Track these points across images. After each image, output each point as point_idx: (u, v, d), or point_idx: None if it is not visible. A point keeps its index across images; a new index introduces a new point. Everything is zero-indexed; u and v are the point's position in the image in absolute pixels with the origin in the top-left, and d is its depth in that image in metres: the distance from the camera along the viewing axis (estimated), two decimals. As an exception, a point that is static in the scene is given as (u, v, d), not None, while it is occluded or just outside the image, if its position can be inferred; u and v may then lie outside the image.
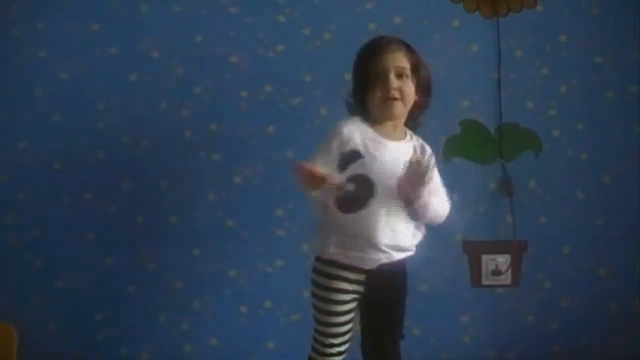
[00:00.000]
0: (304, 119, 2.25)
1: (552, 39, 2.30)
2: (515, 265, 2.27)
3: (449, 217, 1.82)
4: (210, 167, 2.27)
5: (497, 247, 2.27)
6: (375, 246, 1.68)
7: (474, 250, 2.28)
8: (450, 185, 2.24)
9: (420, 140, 1.83)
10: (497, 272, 2.28)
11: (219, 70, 2.27)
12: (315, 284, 1.77)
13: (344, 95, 1.85)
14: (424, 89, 1.79)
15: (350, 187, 1.67)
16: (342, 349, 1.76)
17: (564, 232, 2.29)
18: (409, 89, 1.73)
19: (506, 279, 2.28)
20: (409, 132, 1.81)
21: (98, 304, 2.28)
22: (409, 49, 1.77)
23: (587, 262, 2.29)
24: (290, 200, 2.23)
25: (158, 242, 2.27)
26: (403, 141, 1.77)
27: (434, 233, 2.23)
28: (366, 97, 1.75)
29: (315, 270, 1.77)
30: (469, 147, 2.28)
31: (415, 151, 1.76)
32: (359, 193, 1.67)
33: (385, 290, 1.72)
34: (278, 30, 2.28)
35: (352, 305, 1.74)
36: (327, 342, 1.75)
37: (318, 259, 1.77)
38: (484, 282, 2.28)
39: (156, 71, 2.28)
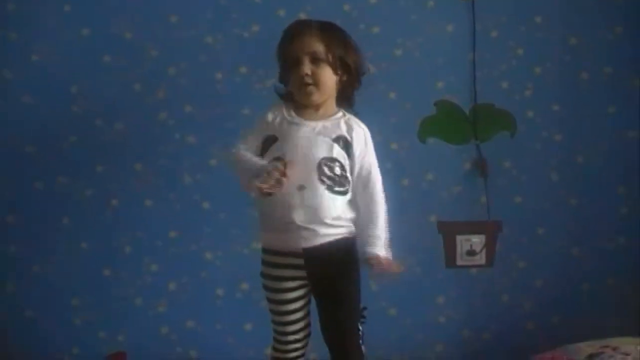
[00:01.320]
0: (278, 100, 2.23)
1: (528, 20, 2.30)
2: (489, 245, 2.29)
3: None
4: (186, 150, 2.26)
5: (471, 228, 2.29)
6: (292, 225, 1.66)
7: (448, 231, 2.29)
8: (425, 165, 2.29)
9: (352, 119, 1.77)
10: (471, 253, 2.30)
11: (193, 51, 2.25)
12: (262, 274, 1.78)
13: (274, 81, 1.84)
14: (347, 69, 1.74)
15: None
16: (298, 336, 1.75)
17: (538, 212, 2.31)
18: (325, 73, 1.70)
19: (480, 259, 2.30)
20: (341, 111, 1.78)
21: (74, 289, 2.27)
22: (325, 31, 1.72)
23: (561, 242, 2.31)
24: (266, 182, 2.23)
25: (134, 225, 2.26)
26: (323, 120, 1.73)
27: (409, 213, 2.28)
28: (288, 81, 1.76)
29: (261, 261, 1.78)
30: (443, 128, 2.28)
31: (331, 128, 1.72)
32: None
33: (326, 272, 1.69)
34: (253, 11, 2.26)
35: (301, 292, 1.73)
36: (281, 331, 1.75)
37: (262, 249, 1.79)
38: (459, 262, 2.30)
39: (130, 53, 2.25)
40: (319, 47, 1.70)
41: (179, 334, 2.27)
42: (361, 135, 1.75)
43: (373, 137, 1.79)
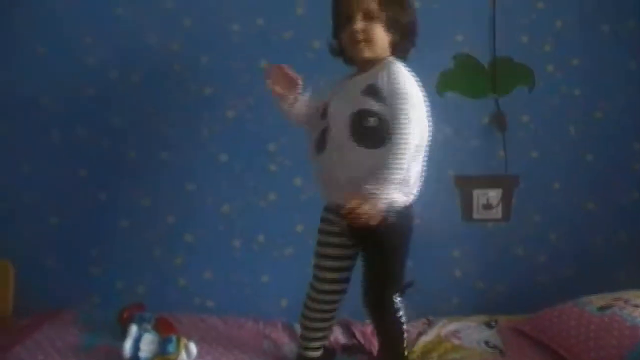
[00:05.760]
0: (296, 52, 2.21)
1: (548, -27, 2.26)
2: (506, 199, 2.30)
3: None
4: (202, 102, 2.25)
5: (488, 182, 2.29)
6: (332, 182, 1.70)
7: (465, 185, 2.30)
8: (443, 119, 2.24)
9: (392, 62, 1.71)
10: (488, 207, 2.31)
11: (209, 2, 2.22)
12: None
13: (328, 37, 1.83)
14: (398, 29, 1.72)
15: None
16: (334, 287, 1.80)
17: (555, 167, 2.31)
18: (376, 31, 1.69)
19: (497, 213, 2.31)
20: (384, 62, 1.71)
21: (93, 239, 2.28)
22: None
23: (576, 197, 2.32)
24: (283, 134, 2.22)
25: (151, 177, 2.27)
26: (359, 75, 1.73)
27: (426, 167, 2.27)
28: (341, 37, 1.76)
29: None
30: (462, 82, 2.26)
31: (367, 79, 1.69)
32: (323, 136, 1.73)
33: (361, 236, 1.71)
34: (269, -39, 2.23)
35: (341, 250, 1.78)
36: (319, 277, 1.82)
37: None
38: (475, 216, 2.31)
39: (144, 3, 2.22)
40: (372, 4, 1.69)
41: (197, 284, 2.30)
42: (388, 75, 1.66)
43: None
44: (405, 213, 1.71)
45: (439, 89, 2.26)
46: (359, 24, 1.68)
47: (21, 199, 2.26)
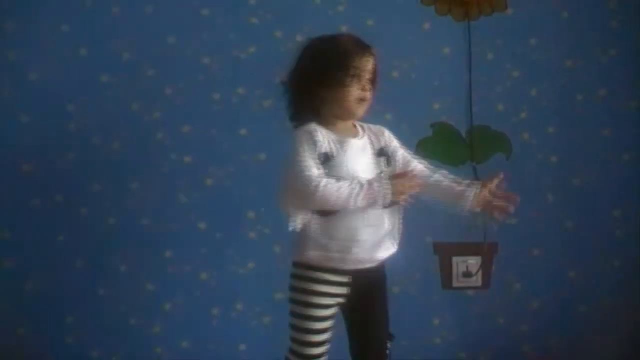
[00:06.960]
0: (275, 121, 2.24)
1: (523, 42, 2.32)
2: (486, 267, 2.29)
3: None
4: (182, 169, 2.26)
5: (468, 249, 2.29)
6: (357, 245, 1.67)
7: (444, 252, 2.29)
8: None
9: (372, 127, 1.79)
10: (467, 274, 2.30)
11: (191, 71, 2.26)
12: (295, 289, 1.73)
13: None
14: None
15: None
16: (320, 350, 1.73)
17: (534, 234, 2.32)
18: (372, 93, 1.74)
19: (477, 280, 2.29)
20: (358, 125, 1.78)
21: (68, 307, 2.26)
22: (374, 51, 1.75)
23: (557, 264, 2.32)
24: (262, 202, 2.23)
25: (129, 244, 2.26)
26: (359, 137, 1.75)
27: (405, 234, 2.27)
28: (328, 92, 1.69)
29: (294, 276, 1.74)
30: (440, 149, 2.28)
31: (372, 142, 1.76)
32: None
33: (370, 291, 1.72)
34: (250, 32, 2.27)
35: (332, 311, 1.72)
36: (304, 354, 1.71)
37: (296, 264, 1.74)
38: (455, 284, 2.30)
39: (127, 72, 2.26)
40: (374, 68, 1.73)
41: (174, 354, 2.26)
42: (387, 134, 1.79)
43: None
44: None
45: (416, 156, 2.28)
46: (368, 85, 1.71)
47: (-2, 266, 2.25)
